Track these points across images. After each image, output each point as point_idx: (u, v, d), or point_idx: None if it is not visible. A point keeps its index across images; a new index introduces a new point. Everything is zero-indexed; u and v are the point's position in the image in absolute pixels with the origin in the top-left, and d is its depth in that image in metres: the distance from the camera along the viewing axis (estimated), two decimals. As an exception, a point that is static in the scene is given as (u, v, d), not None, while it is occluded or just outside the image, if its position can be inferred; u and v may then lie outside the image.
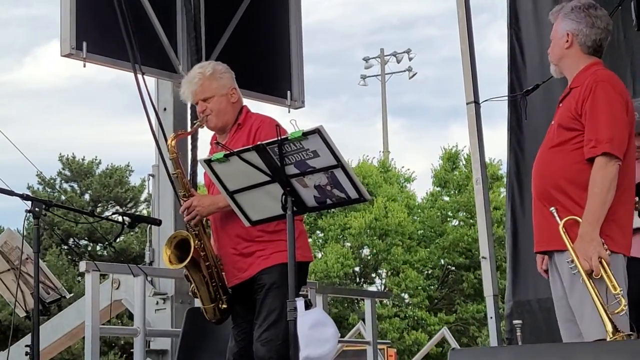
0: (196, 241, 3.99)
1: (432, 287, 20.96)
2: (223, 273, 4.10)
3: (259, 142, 3.48)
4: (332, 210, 19.79)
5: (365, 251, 20.88)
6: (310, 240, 20.81)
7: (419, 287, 20.10)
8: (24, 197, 4.14)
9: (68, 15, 5.53)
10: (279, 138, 3.39)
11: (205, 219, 4.10)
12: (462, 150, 21.77)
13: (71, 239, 22.22)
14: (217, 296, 4.07)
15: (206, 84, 4.18)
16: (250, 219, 3.69)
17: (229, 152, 3.52)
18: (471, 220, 20.22)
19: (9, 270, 5.31)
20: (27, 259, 5.05)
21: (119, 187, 23.01)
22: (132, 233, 20.76)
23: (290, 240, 3.39)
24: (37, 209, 4.06)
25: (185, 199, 4.08)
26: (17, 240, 5.25)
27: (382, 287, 21.34)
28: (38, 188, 22.73)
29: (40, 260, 4.22)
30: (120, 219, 4.55)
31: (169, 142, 4.13)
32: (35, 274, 4.09)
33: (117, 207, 22.83)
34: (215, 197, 4.02)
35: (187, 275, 4.07)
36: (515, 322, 4.45)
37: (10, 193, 4.16)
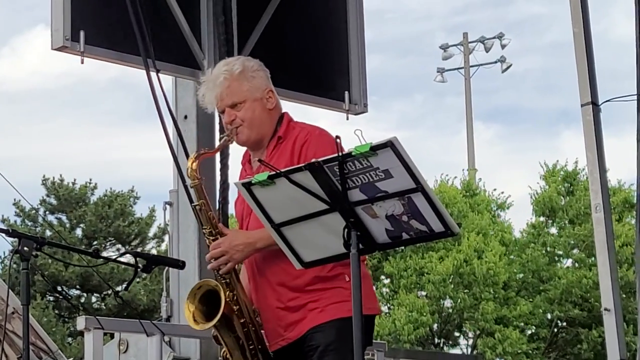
0: (227, 292, 4.03)
1: (537, 350, 20.80)
2: (262, 331, 4.15)
3: (313, 160, 3.50)
4: (402, 249, 19.76)
5: (447, 303, 20.79)
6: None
7: (521, 352, 19.93)
8: (9, 233, 4.22)
9: (61, -4, 5.64)
10: (340, 154, 3.42)
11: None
12: (581, 168, 21.57)
13: (58, 288, 22.45)
14: (256, 362, 4.11)
15: (235, 86, 4.19)
16: (303, 260, 3.74)
17: (274, 172, 3.56)
18: (590, 260, 20.04)
19: (-11, 328, 5.38)
20: (13, 313, 5.11)
21: (121, 219, 23.24)
22: (137, 280, 20.95)
23: (356, 287, 3.44)
24: (26, 247, 4.10)
25: (211, 238, 4.09)
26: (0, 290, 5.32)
27: (469, 349, 21.24)
28: (15, 221, 23.07)
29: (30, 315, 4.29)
30: (127, 259, 4.64)
31: (188, 164, 4.11)
32: (25, 333, 4.13)
33: (119, 246, 23.05)
34: (252, 234, 4.07)
35: (217, 337, 4.12)
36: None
37: (-8, 228, 4.24)
